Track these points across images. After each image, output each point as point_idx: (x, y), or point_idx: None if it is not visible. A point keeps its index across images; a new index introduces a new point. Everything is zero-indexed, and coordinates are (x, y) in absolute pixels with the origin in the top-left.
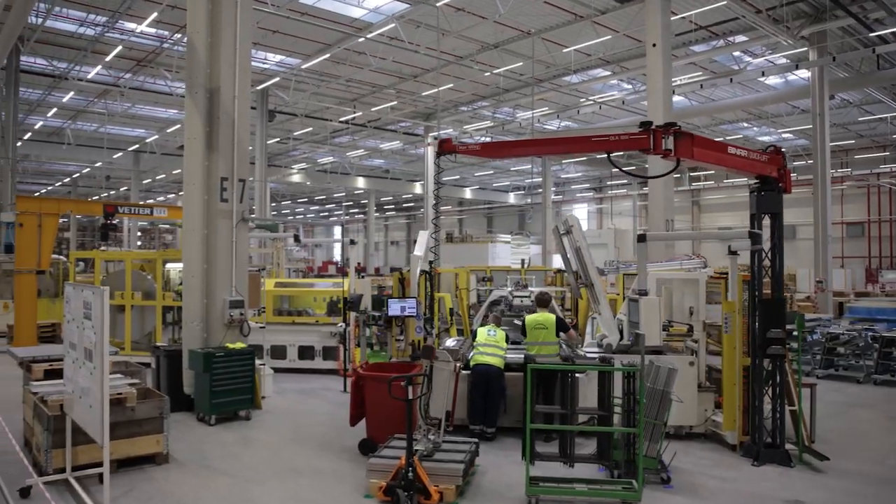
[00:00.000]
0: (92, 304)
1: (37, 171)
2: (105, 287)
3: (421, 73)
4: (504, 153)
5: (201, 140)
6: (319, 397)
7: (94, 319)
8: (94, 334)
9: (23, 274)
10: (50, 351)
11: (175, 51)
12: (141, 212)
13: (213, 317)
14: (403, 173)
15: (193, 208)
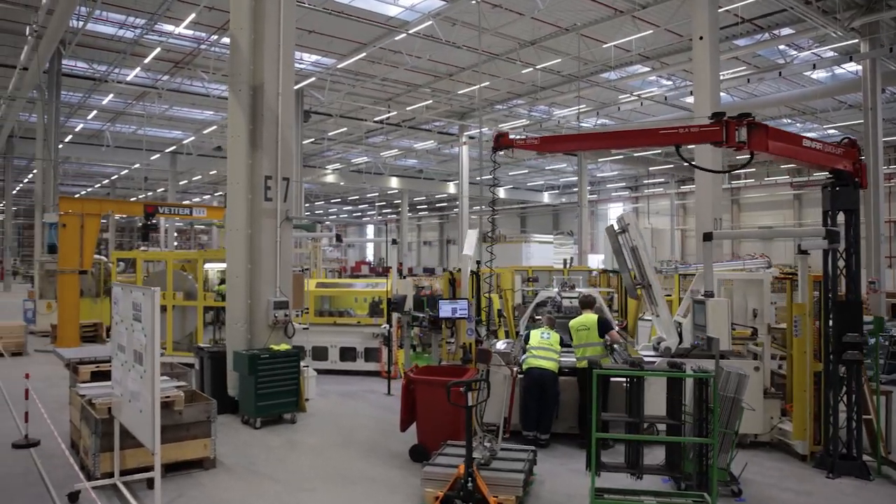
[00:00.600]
0: (142, 305)
1: (77, 172)
2: (156, 288)
3: (456, 71)
4: (564, 147)
5: (245, 138)
6: (363, 400)
7: (144, 321)
8: (145, 336)
9: (66, 274)
10: (96, 352)
11: (212, 52)
12: (180, 212)
13: (258, 318)
14: (437, 173)
15: (237, 208)
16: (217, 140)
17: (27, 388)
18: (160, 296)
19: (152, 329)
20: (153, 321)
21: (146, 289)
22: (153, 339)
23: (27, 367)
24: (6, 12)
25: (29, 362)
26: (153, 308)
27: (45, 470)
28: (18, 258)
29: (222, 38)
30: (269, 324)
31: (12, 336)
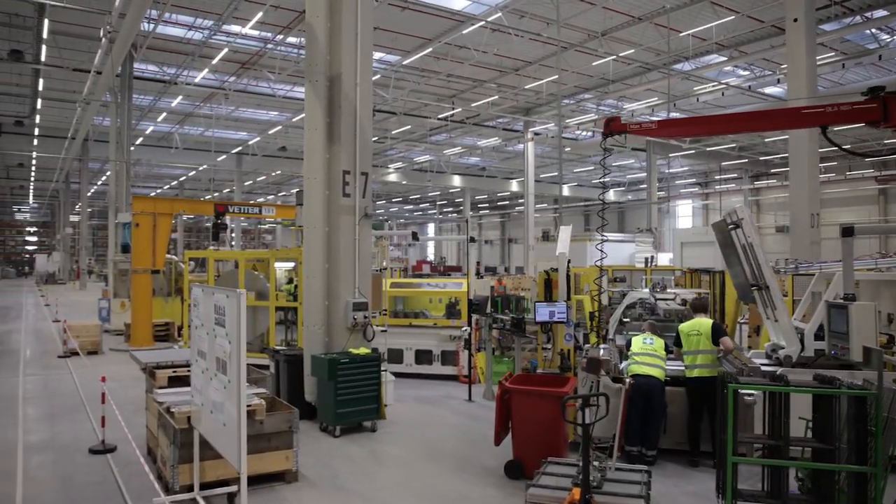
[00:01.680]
0: (226, 308)
1: (148, 175)
2: (242, 290)
3: (523, 65)
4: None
5: (322, 131)
6: (444, 406)
7: (228, 326)
8: (229, 343)
9: (139, 273)
10: (173, 356)
11: (277, 52)
12: (249, 211)
13: (335, 320)
14: (499, 171)
15: (314, 204)
16: (281, 140)
17: (103, 391)
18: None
19: (238, 336)
20: (238, 327)
21: (231, 290)
22: (238, 346)
23: (102, 367)
24: (81, 17)
25: (104, 361)
26: (239, 312)
27: (122, 479)
28: (94, 258)
29: (288, 38)
30: (347, 326)
31: (88, 335)
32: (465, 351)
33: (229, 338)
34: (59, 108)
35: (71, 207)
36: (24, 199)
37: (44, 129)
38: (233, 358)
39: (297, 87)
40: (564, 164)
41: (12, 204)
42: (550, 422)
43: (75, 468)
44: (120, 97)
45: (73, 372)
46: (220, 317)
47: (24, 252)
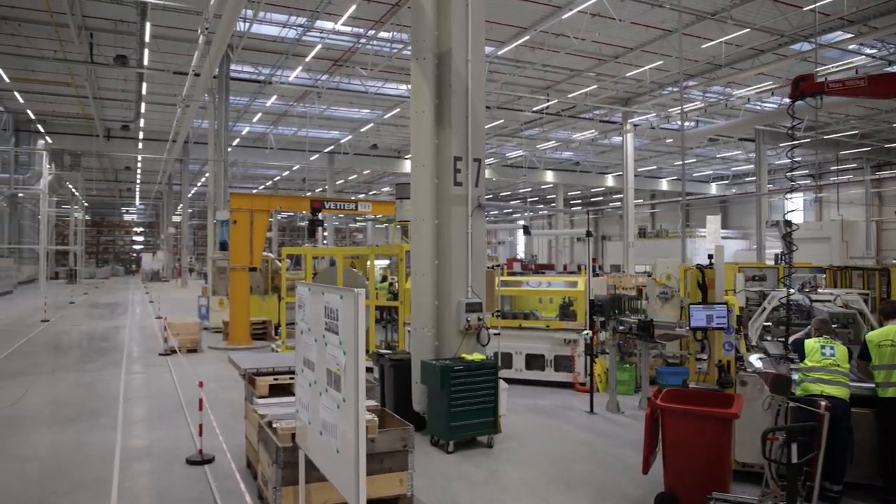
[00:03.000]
0: (340, 311)
1: (244, 175)
2: (360, 289)
3: (623, 52)
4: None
5: (430, 114)
6: (563, 419)
7: (343, 333)
8: (344, 354)
9: (236, 271)
10: (275, 361)
11: (369, 48)
12: (346, 207)
13: (446, 322)
14: (593, 165)
15: (422, 194)
16: (373, 138)
17: (201, 397)
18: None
19: (355, 345)
20: (356, 335)
21: (346, 290)
22: (356, 358)
23: (201, 367)
24: (180, 20)
25: (202, 361)
26: (356, 316)
27: (220, 496)
28: (194, 256)
29: (380, 32)
30: (459, 329)
31: (188, 333)
32: (581, 356)
33: (344, 347)
34: (160, 112)
35: (173, 208)
36: (131, 201)
37: (147, 133)
38: (349, 372)
39: (389, 84)
40: (663, 156)
41: (121, 205)
42: (714, 449)
43: (172, 480)
44: (217, 98)
45: (172, 371)
46: (332, 321)
47: (131, 251)
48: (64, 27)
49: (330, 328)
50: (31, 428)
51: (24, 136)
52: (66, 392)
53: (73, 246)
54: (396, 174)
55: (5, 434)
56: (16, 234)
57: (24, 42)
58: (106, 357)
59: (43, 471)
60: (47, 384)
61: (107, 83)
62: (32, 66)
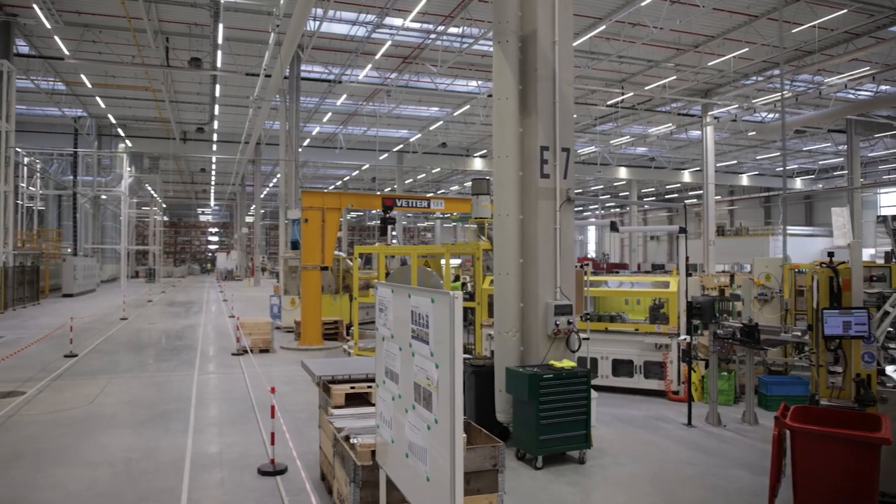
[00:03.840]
0: (430, 317)
1: (314, 176)
2: (456, 293)
3: (704, 40)
4: None
5: (514, 100)
6: (658, 432)
7: (435, 343)
8: (437, 367)
9: (308, 270)
10: (350, 367)
11: (439, 44)
12: (417, 204)
13: (532, 325)
14: (668, 161)
15: (506, 187)
16: (441, 137)
17: (272, 404)
18: None
19: (451, 358)
20: (452, 346)
21: (439, 293)
22: (452, 373)
23: (273, 368)
24: (251, 21)
25: (274, 361)
26: (452, 324)
27: None
28: (266, 255)
29: (449, 28)
30: (548, 334)
31: (260, 333)
32: (673, 363)
33: (436, 360)
34: (233, 114)
35: (246, 209)
36: (206, 202)
37: (221, 135)
38: (443, 389)
39: (458, 81)
40: (744, 150)
41: (197, 206)
42: (857, 479)
43: (243, 493)
44: (288, 99)
45: (244, 371)
46: (421, 328)
47: (207, 250)
48: (141, 32)
49: (418, 336)
50: (104, 430)
51: (106, 139)
52: (140, 392)
53: (151, 246)
54: (465, 173)
55: (80, 435)
56: (99, 235)
57: (105, 48)
58: (180, 356)
59: (113, 478)
60: (122, 383)
61: (182, 86)
62: (113, 71)
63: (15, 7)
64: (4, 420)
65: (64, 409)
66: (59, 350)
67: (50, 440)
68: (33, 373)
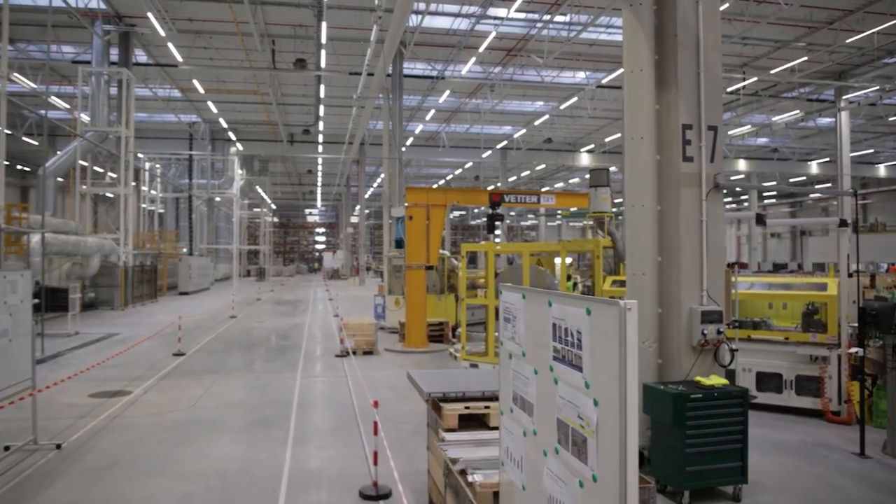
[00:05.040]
0: (584, 335)
1: (417, 175)
2: (630, 302)
3: (841, 16)
4: None
5: (649, 72)
6: (823, 462)
7: (591, 372)
8: (596, 405)
9: (412, 269)
10: (463, 380)
11: (544, 34)
12: (527, 199)
13: (672, 335)
14: (793, 151)
15: (640, 173)
16: (546, 132)
17: (375, 420)
18: None
19: (621, 395)
20: (624, 378)
21: (601, 303)
22: (623, 415)
23: (376, 371)
24: (354, 20)
25: (378, 364)
26: (624, 346)
27: None
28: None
29: (555, 17)
30: (692, 345)
31: (364, 334)
32: (832, 378)
33: (595, 394)
34: (338, 115)
35: (351, 209)
36: (313, 203)
37: (327, 136)
38: (606, 436)
39: (565, 73)
40: (881, 138)
41: (304, 207)
42: None
43: None
44: (391, 97)
45: (347, 375)
46: (569, 349)
47: (313, 250)
48: (248, 36)
49: (564, 358)
50: (203, 436)
51: (219, 143)
52: (242, 394)
53: (262, 246)
54: (571, 169)
55: (179, 441)
56: (213, 235)
57: (216, 54)
58: (284, 357)
59: (206, 494)
60: (226, 385)
61: (288, 89)
62: (223, 76)
63: (133, 18)
64: (108, 422)
65: (166, 411)
66: (169, 348)
67: (148, 446)
68: (142, 371)
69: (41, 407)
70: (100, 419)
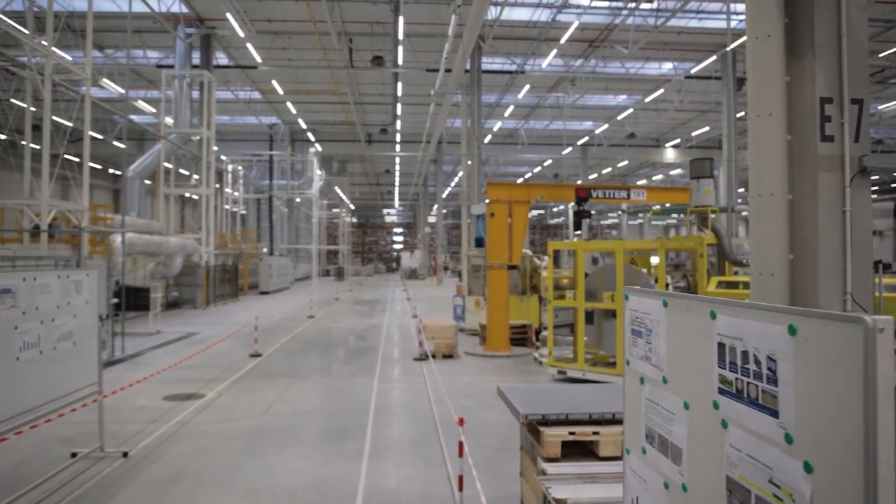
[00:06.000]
0: (778, 361)
1: (494, 173)
2: (882, 319)
3: None
4: None
5: (778, 38)
6: None
7: (790, 414)
8: (809, 470)
9: (494, 269)
10: (564, 401)
11: (629, 23)
12: (616, 195)
13: None
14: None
15: (768, 156)
16: (630, 127)
17: (461, 440)
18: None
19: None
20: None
21: (814, 317)
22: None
23: (457, 377)
24: (431, 15)
25: (459, 369)
26: (869, 386)
27: None
28: (448, 254)
29: (641, 3)
30: None
31: (443, 337)
32: None
33: (808, 460)
34: (415, 114)
35: (428, 209)
36: (391, 203)
37: (404, 136)
38: None
39: (650, 63)
40: None
41: (382, 207)
42: None
43: None
44: (469, 93)
45: (426, 380)
46: (751, 381)
47: (391, 250)
48: (326, 35)
49: (740, 393)
50: (274, 447)
51: (298, 144)
52: (316, 401)
53: (341, 245)
54: (655, 165)
55: (248, 452)
56: (293, 235)
57: (294, 54)
58: (361, 360)
59: None
60: (301, 389)
61: (366, 88)
62: (301, 77)
63: (213, 20)
64: (179, 428)
65: (238, 417)
66: (246, 348)
67: (216, 457)
68: (217, 373)
69: (115, 409)
70: (170, 424)
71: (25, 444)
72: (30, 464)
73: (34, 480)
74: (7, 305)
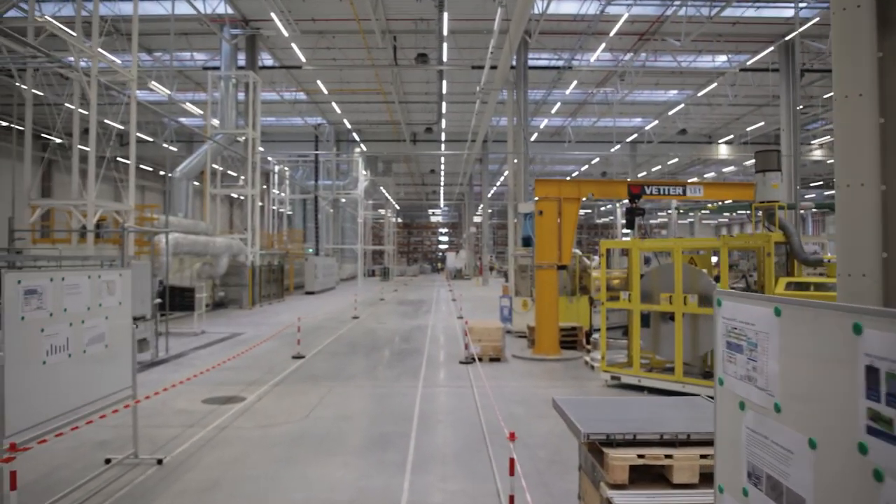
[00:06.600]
0: None
1: (540, 172)
2: None
3: None
4: None
5: (869, 8)
6: None
7: None
8: None
9: (543, 269)
10: (630, 417)
11: (681, 14)
12: (670, 191)
13: None
14: None
15: (857, 142)
16: (680, 123)
17: (512, 457)
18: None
19: None
20: None
21: None
22: None
23: (505, 381)
24: (474, 9)
25: (506, 374)
26: None
27: None
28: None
29: None
30: None
31: (490, 339)
32: None
33: None
34: (460, 113)
35: (474, 208)
36: (436, 203)
37: (449, 135)
38: None
39: (703, 56)
40: None
41: (427, 207)
42: None
43: None
44: (515, 90)
45: (473, 385)
46: None
47: (437, 250)
48: (370, 33)
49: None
50: (313, 455)
51: (344, 145)
52: (358, 406)
53: (386, 245)
54: (706, 162)
55: (286, 460)
56: (339, 236)
57: (339, 54)
58: (405, 363)
59: None
60: (343, 393)
61: (410, 87)
62: (346, 77)
63: (258, 21)
64: (217, 433)
65: (278, 422)
66: (289, 349)
67: (253, 465)
68: (259, 374)
69: (154, 412)
70: (208, 429)
71: (60, 447)
72: (62, 469)
73: (65, 488)
74: (33, 307)
